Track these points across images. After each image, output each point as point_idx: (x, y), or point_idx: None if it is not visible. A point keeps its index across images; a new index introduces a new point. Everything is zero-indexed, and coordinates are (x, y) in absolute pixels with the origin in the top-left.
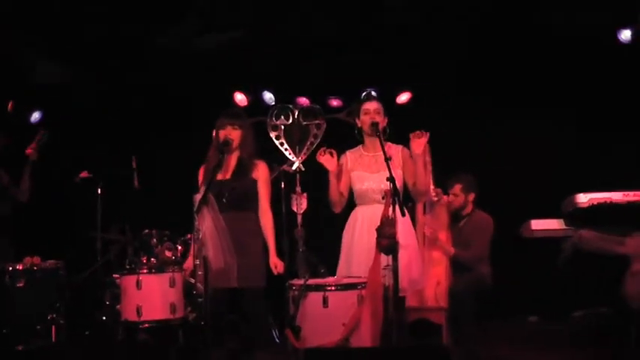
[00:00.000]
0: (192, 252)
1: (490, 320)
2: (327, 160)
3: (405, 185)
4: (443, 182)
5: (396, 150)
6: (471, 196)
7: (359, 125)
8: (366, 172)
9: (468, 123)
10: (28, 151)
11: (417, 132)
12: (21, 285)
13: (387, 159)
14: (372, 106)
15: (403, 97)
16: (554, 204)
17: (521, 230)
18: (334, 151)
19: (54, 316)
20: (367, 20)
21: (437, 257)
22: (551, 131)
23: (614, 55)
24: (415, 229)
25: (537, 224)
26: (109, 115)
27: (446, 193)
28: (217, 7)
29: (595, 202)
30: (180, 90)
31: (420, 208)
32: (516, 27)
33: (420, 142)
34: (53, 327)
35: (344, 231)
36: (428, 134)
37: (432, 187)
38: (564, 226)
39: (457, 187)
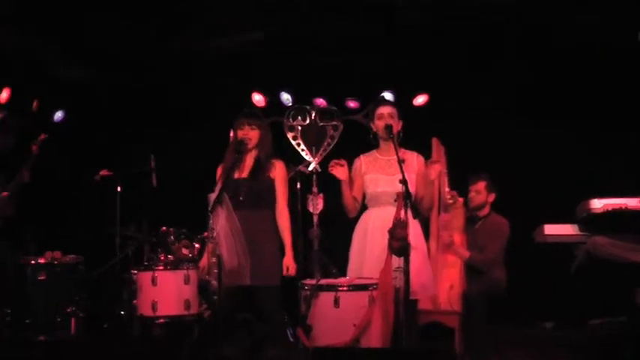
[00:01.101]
0: (207, 250)
1: (504, 325)
2: (337, 170)
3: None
4: (457, 185)
5: (411, 156)
6: (492, 197)
7: (374, 129)
8: (381, 175)
9: (483, 125)
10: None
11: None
12: (42, 278)
13: (400, 161)
14: (386, 110)
15: (420, 100)
16: (569, 209)
17: (534, 235)
18: (344, 161)
19: (73, 309)
20: (385, 21)
21: (451, 260)
22: (566, 135)
23: (631, 59)
24: (430, 232)
25: (550, 229)
26: (129, 114)
27: (463, 193)
28: (236, 8)
29: (610, 208)
30: (199, 90)
31: (434, 211)
32: (535, 28)
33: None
34: (73, 319)
35: (354, 232)
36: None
37: (446, 189)
38: (578, 232)
39: (481, 184)
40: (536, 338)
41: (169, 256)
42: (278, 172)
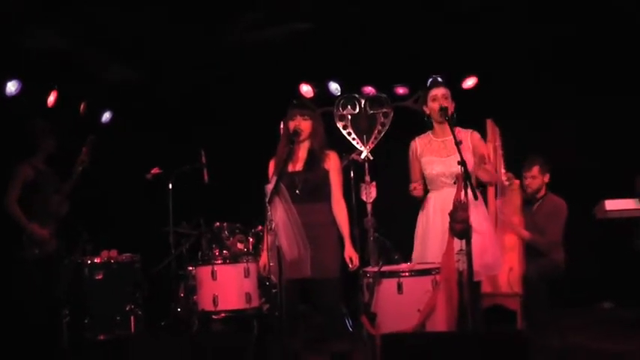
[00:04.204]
0: (265, 246)
1: (564, 307)
2: None
3: None
4: (512, 166)
5: (465, 134)
6: (547, 177)
7: (427, 112)
8: (436, 157)
9: (536, 102)
10: (82, 157)
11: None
12: (99, 277)
13: (458, 143)
14: (439, 91)
15: (469, 82)
16: (629, 182)
17: (594, 211)
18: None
19: (132, 307)
20: (430, 6)
21: (510, 242)
22: (623, 107)
23: None
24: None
25: (611, 204)
26: (177, 111)
27: (518, 173)
28: None
29: None
30: (247, 82)
31: (491, 192)
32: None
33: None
34: (132, 317)
35: (418, 217)
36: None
37: (503, 171)
38: None
39: (535, 169)
40: (598, 319)
41: (224, 251)
42: (332, 162)
